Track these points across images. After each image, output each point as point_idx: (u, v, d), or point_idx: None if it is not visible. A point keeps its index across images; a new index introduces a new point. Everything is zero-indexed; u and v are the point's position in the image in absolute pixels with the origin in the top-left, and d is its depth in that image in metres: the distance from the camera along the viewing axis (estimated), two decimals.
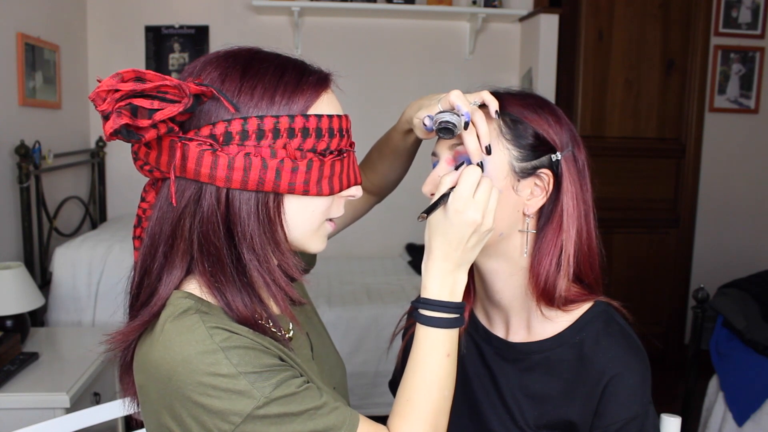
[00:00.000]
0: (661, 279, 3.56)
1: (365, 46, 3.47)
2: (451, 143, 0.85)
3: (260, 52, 0.74)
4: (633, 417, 0.81)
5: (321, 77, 0.74)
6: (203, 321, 0.68)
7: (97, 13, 3.28)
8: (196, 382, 0.65)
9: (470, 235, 0.76)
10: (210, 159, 0.67)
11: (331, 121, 0.72)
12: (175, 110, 0.63)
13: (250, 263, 0.71)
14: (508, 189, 0.84)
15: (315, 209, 0.74)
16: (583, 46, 3.33)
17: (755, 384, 2.09)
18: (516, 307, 0.91)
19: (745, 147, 3.62)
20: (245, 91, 0.68)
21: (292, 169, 0.69)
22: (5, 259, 2.32)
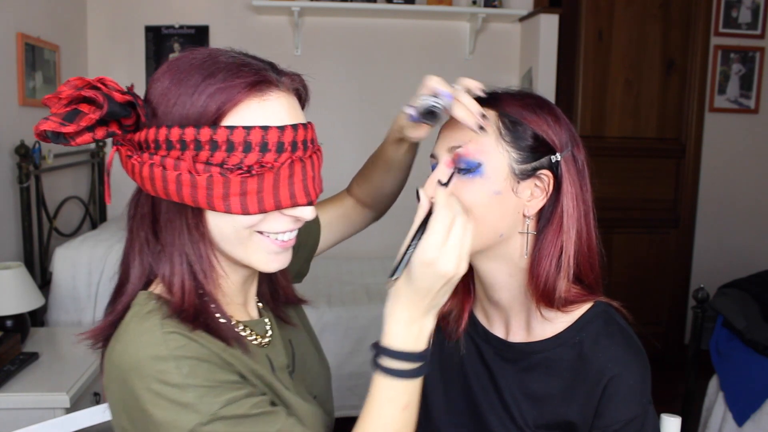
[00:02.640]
0: (661, 279, 3.56)
1: (365, 46, 3.47)
2: (450, 146, 0.84)
3: (209, 55, 0.69)
4: (632, 417, 0.81)
5: (250, 81, 0.66)
6: (161, 325, 0.67)
7: (97, 13, 3.28)
8: (145, 387, 0.64)
9: (442, 285, 0.70)
10: (130, 165, 0.69)
11: (249, 133, 0.65)
12: (94, 117, 0.64)
13: (165, 269, 0.72)
14: (507, 191, 0.83)
15: (236, 224, 0.69)
16: (583, 46, 3.33)
17: (755, 384, 2.08)
18: (515, 307, 0.90)
19: (745, 147, 3.61)
20: (168, 98, 0.67)
21: (191, 183, 0.66)
22: (5, 259, 2.32)
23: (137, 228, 0.73)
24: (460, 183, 0.83)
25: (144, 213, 0.72)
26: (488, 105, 0.86)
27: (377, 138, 1.12)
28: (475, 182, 0.82)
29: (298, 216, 0.71)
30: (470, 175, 0.82)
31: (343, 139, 3.48)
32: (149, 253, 0.73)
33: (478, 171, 0.82)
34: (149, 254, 0.73)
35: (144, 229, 0.73)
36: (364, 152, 1.00)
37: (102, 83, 0.66)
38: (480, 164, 0.82)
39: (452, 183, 0.80)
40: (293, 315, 0.95)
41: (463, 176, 0.82)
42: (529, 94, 0.90)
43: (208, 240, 0.71)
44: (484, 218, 0.83)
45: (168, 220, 0.70)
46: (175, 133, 0.65)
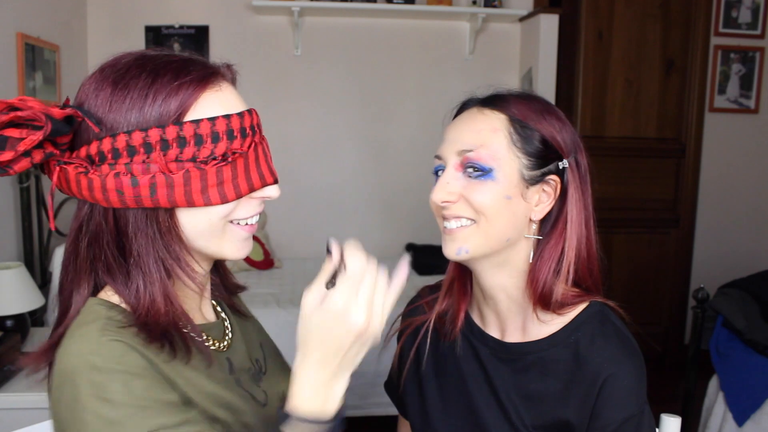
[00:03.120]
0: (661, 279, 3.56)
1: (365, 46, 3.46)
2: (460, 149, 0.84)
3: (143, 56, 0.68)
4: (629, 417, 0.81)
5: (201, 74, 0.67)
6: (101, 332, 0.64)
7: (97, 13, 3.28)
8: (75, 397, 0.61)
9: (352, 342, 0.63)
10: (85, 181, 0.65)
11: (214, 123, 0.66)
12: (35, 139, 0.60)
13: (137, 281, 0.68)
14: (517, 196, 0.84)
15: (212, 217, 0.69)
16: (583, 46, 3.33)
17: (755, 384, 2.09)
18: (513, 309, 0.90)
19: (745, 147, 3.61)
20: (115, 105, 0.64)
21: (167, 183, 0.64)
22: (5, 259, 2.32)
23: (91, 249, 0.68)
24: (471, 184, 0.83)
25: (99, 231, 0.68)
26: (496, 107, 0.86)
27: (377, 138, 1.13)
28: (487, 184, 0.83)
29: (267, 195, 0.72)
30: (483, 177, 0.83)
31: (343, 139, 3.48)
32: (110, 272, 0.68)
33: (490, 174, 0.83)
34: (110, 274, 0.68)
35: (102, 248, 0.68)
36: (364, 152, 1.00)
37: (21, 103, 0.61)
38: (492, 169, 0.83)
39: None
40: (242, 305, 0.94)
41: (474, 178, 0.83)
42: (534, 96, 0.91)
43: (183, 240, 0.69)
44: (495, 221, 0.83)
45: (137, 229, 0.67)
46: (136, 137, 0.63)
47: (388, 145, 3.48)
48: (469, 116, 0.88)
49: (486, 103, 0.88)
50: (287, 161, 3.36)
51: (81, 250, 0.69)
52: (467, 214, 0.84)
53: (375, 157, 3.48)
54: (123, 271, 0.68)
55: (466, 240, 0.84)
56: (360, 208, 3.55)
